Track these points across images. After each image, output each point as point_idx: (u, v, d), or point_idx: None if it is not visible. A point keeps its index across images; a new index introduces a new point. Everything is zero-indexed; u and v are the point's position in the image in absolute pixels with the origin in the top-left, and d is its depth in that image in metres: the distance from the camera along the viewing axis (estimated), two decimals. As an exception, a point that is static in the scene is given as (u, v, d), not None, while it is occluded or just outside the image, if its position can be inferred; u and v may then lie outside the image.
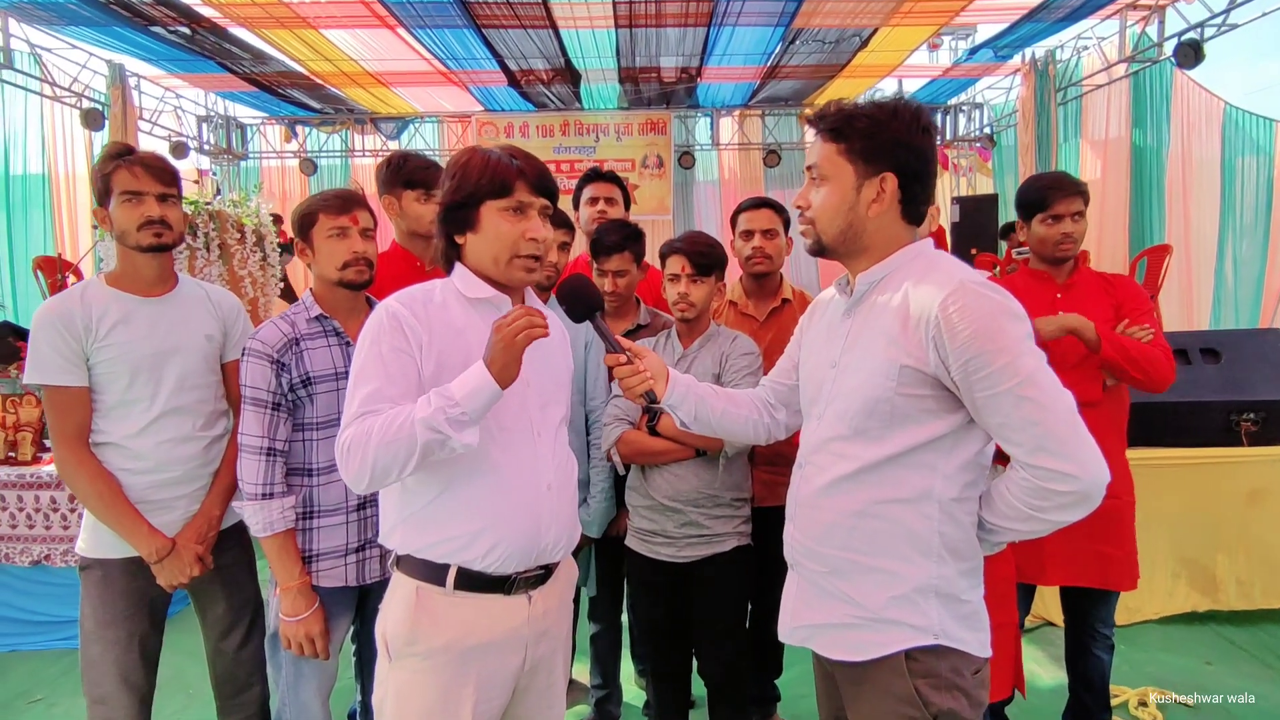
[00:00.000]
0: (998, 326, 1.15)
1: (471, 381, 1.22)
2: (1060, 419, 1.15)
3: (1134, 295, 2.18)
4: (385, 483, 1.27)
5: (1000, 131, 9.20)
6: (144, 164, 1.81)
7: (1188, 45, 5.75)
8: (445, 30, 6.56)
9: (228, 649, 1.97)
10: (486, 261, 1.36)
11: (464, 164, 1.35)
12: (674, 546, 2.01)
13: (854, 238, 1.30)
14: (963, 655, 1.25)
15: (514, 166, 1.33)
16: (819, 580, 1.32)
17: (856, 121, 1.27)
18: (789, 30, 6.71)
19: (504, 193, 1.32)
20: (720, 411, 1.53)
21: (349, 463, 1.25)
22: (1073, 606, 2.30)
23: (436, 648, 1.32)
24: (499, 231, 1.33)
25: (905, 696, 1.24)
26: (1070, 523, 1.20)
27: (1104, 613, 2.23)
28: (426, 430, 1.20)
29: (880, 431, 1.24)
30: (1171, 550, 3.26)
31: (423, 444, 1.20)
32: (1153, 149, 7.04)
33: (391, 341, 1.29)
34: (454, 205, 1.35)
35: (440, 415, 1.20)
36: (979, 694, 1.27)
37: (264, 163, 9.93)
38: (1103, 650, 2.26)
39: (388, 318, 1.31)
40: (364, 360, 1.30)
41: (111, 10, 5.93)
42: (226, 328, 1.96)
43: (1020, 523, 1.22)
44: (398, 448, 1.21)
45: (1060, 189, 2.15)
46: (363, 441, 1.22)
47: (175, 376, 1.84)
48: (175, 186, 1.86)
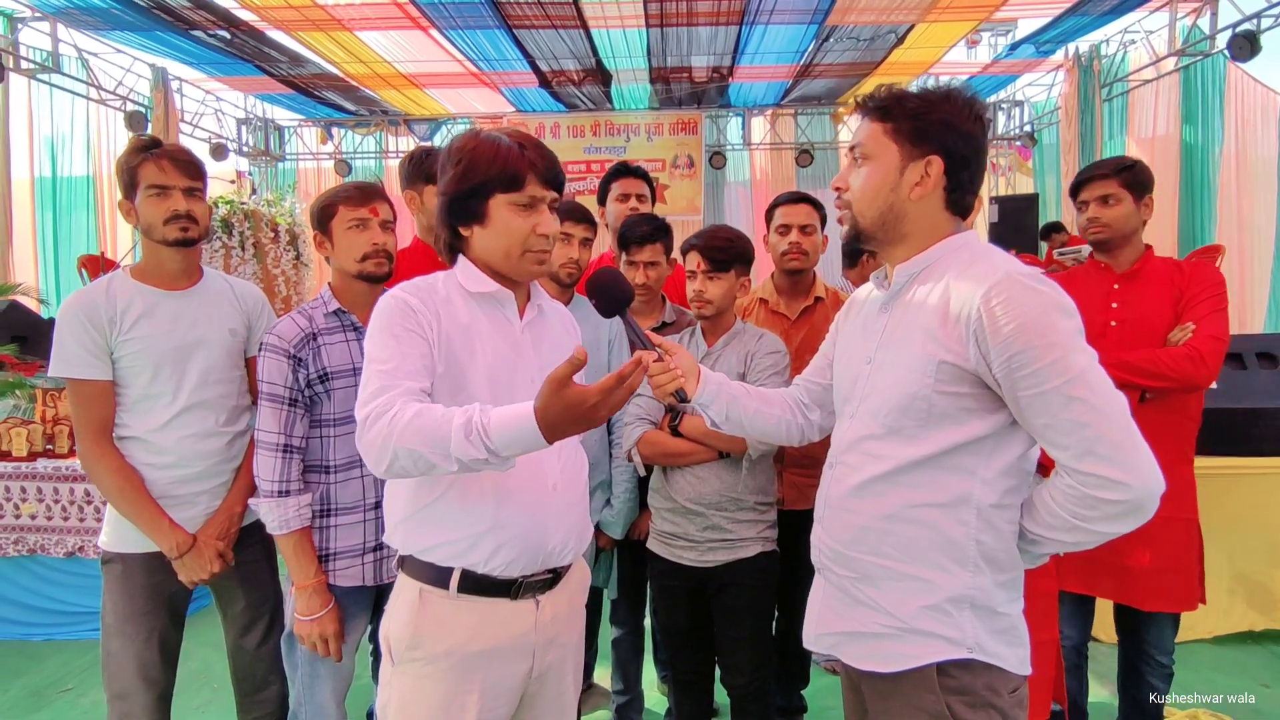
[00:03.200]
0: (1047, 321, 1.08)
1: (510, 426, 1.07)
2: (1112, 421, 1.07)
3: (1197, 283, 2.01)
4: (402, 474, 1.16)
5: (1041, 130, 8.97)
6: (171, 158, 1.80)
7: (1242, 37, 5.52)
8: (477, 31, 6.59)
9: (247, 646, 1.95)
10: (496, 256, 1.30)
11: (470, 150, 1.27)
12: (696, 550, 1.95)
13: (893, 223, 1.25)
14: (1000, 672, 1.18)
15: (525, 158, 1.26)
16: (847, 586, 1.26)
17: (906, 101, 1.22)
18: (822, 28, 6.61)
19: (515, 186, 1.26)
20: (753, 411, 1.47)
21: (376, 439, 1.12)
22: (1125, 625, 2.16)
23: (440, 653, 1.27)
24: (510, 227, 1.27)
25: (936, 713, 1.17)
26: (1119, 534, 1.11)
27: (1157, 636, 2.08)
28: (460, 442, 1.08)
29: (916, 430, 1.18)
30: (1228, 565, 3.09)
31: (456, 452, 1.08)
32: (1204, 146, 6.77)
33: (403, 322, 1.24)
34: (460, 196, 1.28)
35: (475, 437, 1.07)
36: (1016, 714, 1.20)
37: (300, 164, 10.11)
38: (1158, 679, 2.10)
39: (395, 301, 1.26)
40: (377, 338, 1.24)
41: (154, 14, 6.07)
42: (250, 322, 1.95)
43: (1064, 533, 1.14)
44: (426, 442, 1.09)
45: (1087, 175, 2.09)
46: (394, 422, 1.10)
47: (199, 371, 1.83)
48: (201, 180, 1.85)
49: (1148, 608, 2.03)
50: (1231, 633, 3.11)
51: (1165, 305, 2.01)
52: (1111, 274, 2.10)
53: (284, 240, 5.51)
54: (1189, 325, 1.96)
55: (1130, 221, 2.05)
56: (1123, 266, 2.09)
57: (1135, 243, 2.10)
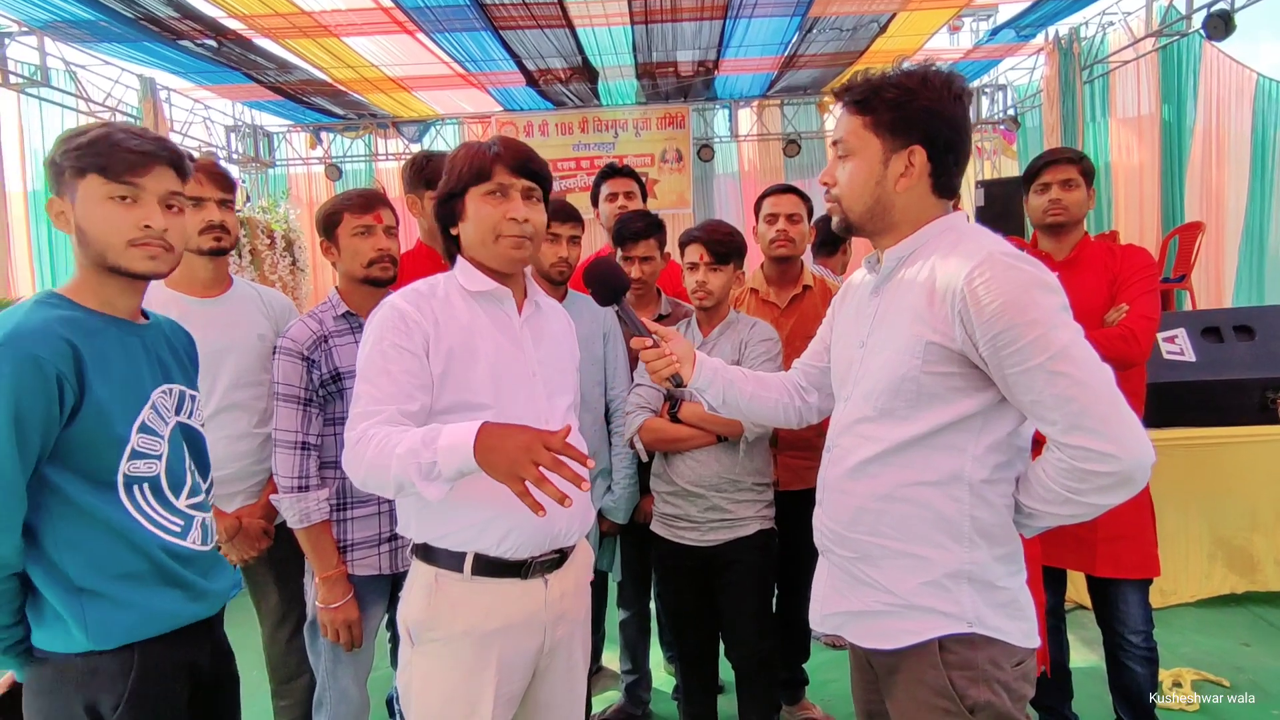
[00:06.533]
0: (1029, 299, 1.10)
1: (457, 439, 1.14)
2: (1098, 395, 1.09)
3: (1131, 268, 2.12)
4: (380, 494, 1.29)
5: (1024, 113, 9.04)
6: (206, 171, 1.89)
7: (1217, 16, 5.59)
8: (463, 33, 6.63)
9: (280, 639, 2.06)
10: (477, 247, 1.39)
11: (453, 158, 1.40)
12: (698, 531, 2.04)
13: (882, 214, 1.27)
14: (1002, 646, 1.20)
15: (491, 152, 1.37)
16: (849, 567, 1.30)
17: (884, 92, 1.22)
18: (805, 19, 6.67)
19: (483, 178, 1.36)
20: (749, 395, 1.52)
21: (352, 467, 1.26)
22: (1097, 605, 2.18)
23: (457, 632, 1.35)
24: (480, 215, 1.36)
25: (939, 688, 1.20)
26: (1112, 505, 1.14)
27: (1124, 613, 2.09)
28: (400, 467, 1.17)
29: (906, 411, 1.21)
30: (1207, 531, 3.20)
31: (395, 479, 1.19)
32: (1181, 124, 6.87)
33: (394, 339, 1.30)
34: (444, 198, 1.39)
35: (412, 460, 1.15)
36: (1021, 687, 1.21)
37: (291, 170, 10.12)
38: (1136, 663, 2.10)
39: (392, 313, 1.32)
40: (367, 356, 1.32)
41: (141, 26, 6.09)
42: (278, 327, 2.01)
43: (1058, 506, 1.16)
44: (381, 475, 1.21)
45: (1051, 158, 2.17)
46: (362, 452, 1.22)
47: (230, 374, 1.91)
48: (233, 193, 1.96)
49: (1101, 573, 2.08)
50: (1213, 595, 3.22)
51: (1101, 288, 2.12)
52: (1052, 261, 2.18)
53: (280, 246, 5.56)
54: (1123, 306, 2.07)
55: (1083, 207, 2.17)
56: (1063, 253, 2.19)
57: (1079, 229, 2.21)
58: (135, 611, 1.23)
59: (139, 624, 1.24)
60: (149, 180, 1.24)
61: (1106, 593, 2.13)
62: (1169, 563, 2.82)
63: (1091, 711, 2.37)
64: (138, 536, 1.24)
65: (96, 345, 1.23)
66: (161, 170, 1.26)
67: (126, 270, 1.26)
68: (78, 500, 1.21)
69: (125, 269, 1.26)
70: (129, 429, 1.25)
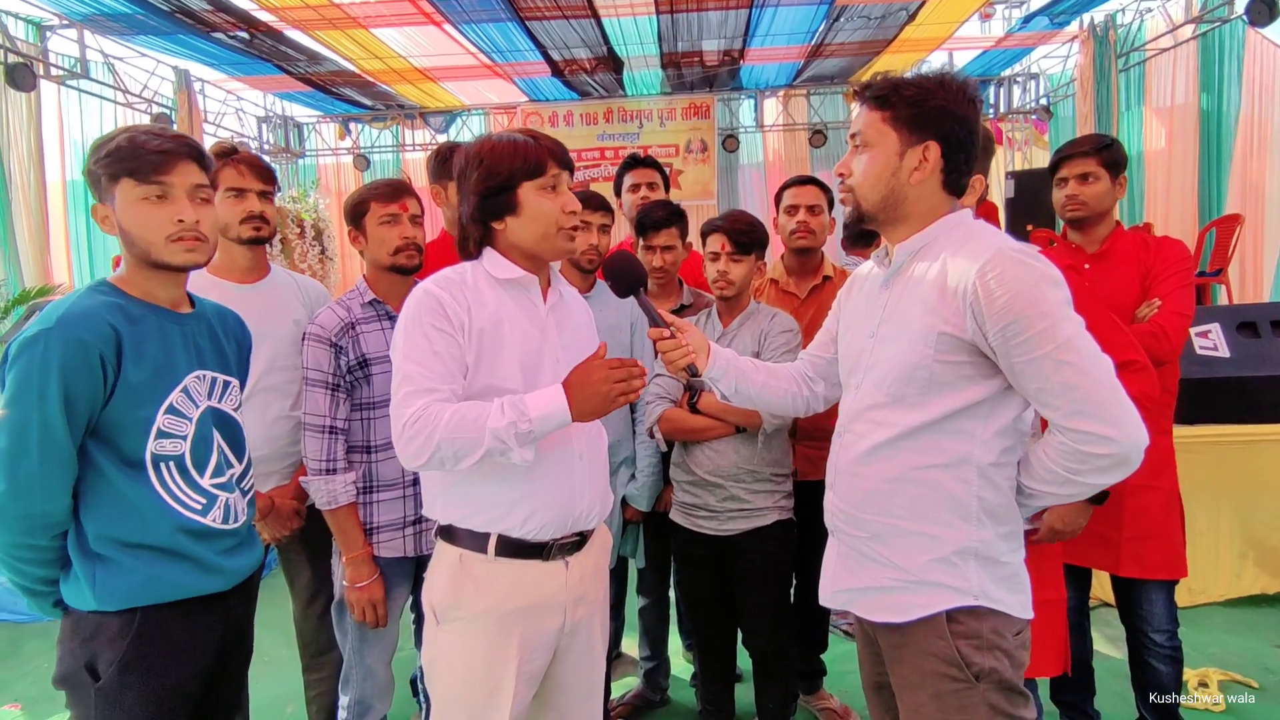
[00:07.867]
0: (1038, 293, 1.17)
1: (548, 405, 1.30)
2: (1099, 383, 1.16)
3: (1164, 261, 2.06)
4: (440, 469, 1.34)
5: (1057, 102, 8.86)
6: (248, 164, 1.97)
7: (1261, 2, 5.45)
8: (489, 24, 6.68)
9: (312, 615, 2.13)
10: (532, 240, 1.40)
11: (489, 151, 1.39)
12: (716, 520, 2.05)
13: (894, 205, 1.32)
14: (1004, 617, 1.27)
15: (541, 146, 1.39)
16: (859, 546, 1.35)
17: (903, 90, 1.29)
18: (833, 7, 6.60)
19: (539, 172, 1.38)
20: (760, 385, 1.57)
21: (409, 443, 1.30)
22: (1121, 605, 2.15)
23: (480, 611, 1.39)
24: (542, 210, 1.39)
25: (947, 657, 1.26)
26: (1107, 485, 1.22)
27: (1148, 611, 2.05)
28: (494, 439, 1.27)
29: (918, 398, 1.26)
30: (1239, 530, 3.14)
31: (487, 449, 1.28)
32: (1222, 114, 6.68)
33: (433, 320, 1.34)
34: (490, 191, 1.39)
35: (511, 430, 1.27)
36: (1020, 655, 1.29)
37: (320, 160, 10.28)
38: (1160, 661, 2.06)
39: (428, 298, 1.36)
40: (407, 338, 1.35)
41: (176, 18, 6.22)
42: (314, 313, 2.07)
43: (1058, 486, 1.24)
44: (463, 445, 1.28)
45: (1066, 153, 2.12)
46: (429, 428, 1.28)
47: (266, 357, 1.95)
48: (273, 185, 2.03)
49: (1126, 573, 2.04)
50: (1244, 595, 3.16)
51: (1133, 282, 2.06)
52: (1083, 254, 2.14)
53: (309, 235, 5.65)
54: (1155, 301, 2.02)
55: (1106, 200, 2.09)
56: (1094, 245, 2.14)
57: (1108, 221, 2.14)
58: (138, 577, 1.31)
59: (140, 589, 1.32)
60: (175, 176, 1.33)
61: (1131, 591, 2.10)
62: (1198, 561, 2.78)
63: (1114, 709, 2.35)
64: (157, 510, 1.33)
65: (136, 331, 1.33)
66: (185, 165, 1.34)
67: (169, 265, 1.36)
68: (109, 473, 1.31)
69: (168, 263, 1.36)
70: (155, 410, 1.34)
